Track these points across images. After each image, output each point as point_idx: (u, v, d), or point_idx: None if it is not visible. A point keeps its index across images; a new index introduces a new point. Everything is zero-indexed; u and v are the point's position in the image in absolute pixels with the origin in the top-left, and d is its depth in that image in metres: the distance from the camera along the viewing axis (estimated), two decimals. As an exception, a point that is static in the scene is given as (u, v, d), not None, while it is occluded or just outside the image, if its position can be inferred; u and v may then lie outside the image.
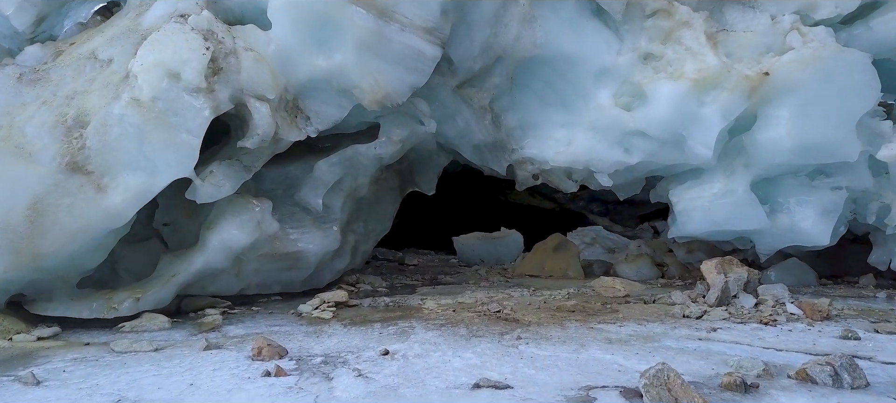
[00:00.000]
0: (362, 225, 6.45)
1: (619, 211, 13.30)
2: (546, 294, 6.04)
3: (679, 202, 6.36)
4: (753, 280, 5.71)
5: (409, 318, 4.83)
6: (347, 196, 5.94)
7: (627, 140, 6.14)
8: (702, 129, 5.74)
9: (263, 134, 4.72)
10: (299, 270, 5.76)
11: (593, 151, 6.27)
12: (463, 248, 9.07)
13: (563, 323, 4.64)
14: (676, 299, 5.43)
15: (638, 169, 6.43)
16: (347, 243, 6.24)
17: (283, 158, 5.93)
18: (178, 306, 5.22)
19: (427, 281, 7.31)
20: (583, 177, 6.70)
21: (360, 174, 5.88)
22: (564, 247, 7.96)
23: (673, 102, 5.72)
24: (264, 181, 5.70)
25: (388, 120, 5.85)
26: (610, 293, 6.19)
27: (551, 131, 6.44)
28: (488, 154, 6.62)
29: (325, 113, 5.30)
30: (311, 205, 5.66)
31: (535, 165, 6.60)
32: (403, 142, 5.86)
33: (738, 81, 5.55)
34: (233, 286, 5.40)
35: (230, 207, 4.98)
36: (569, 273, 7.66)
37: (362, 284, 6.70)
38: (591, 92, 6.14)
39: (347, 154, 5.70)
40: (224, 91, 4.50)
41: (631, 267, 7.62)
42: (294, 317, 4.96)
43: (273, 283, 5.76)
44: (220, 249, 4.85)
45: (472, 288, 6.51)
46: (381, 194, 6.49)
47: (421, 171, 6.74)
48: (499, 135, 6.47)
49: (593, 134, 6.24)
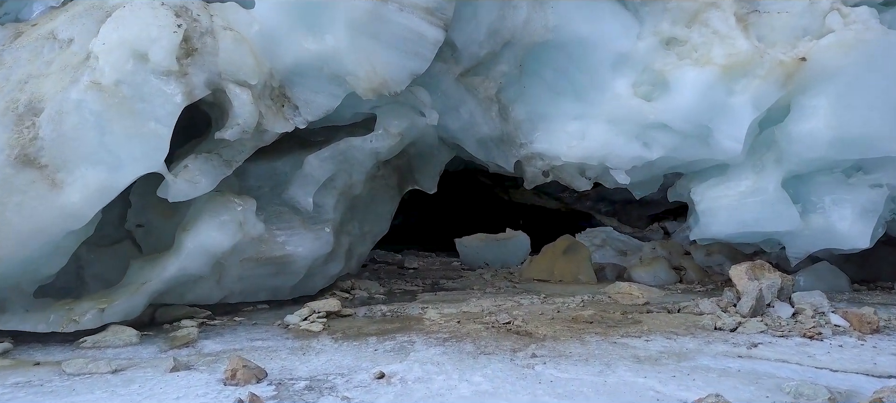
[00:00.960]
0: (357, 226, 5.92)
1: (627, 211, 12.77)
2: (559, 301, 5.52)
3: (702, 201, 5.83)
4: (787, 286, 5.18)
5: (409, 331, 4.31)
6: (341, 194, 5.42)
7: (647, 133, 5.62)
8: (731, 121, 5.22)
9: (244, 124, 4.20)
10: (288, 276, 5.24)
11: (609, 146, 5.75)
12: (466, 251, 8.55)
13: (583, 336, 4.12)
14: (705, 308, 4.91)
15: (657, 165, 5.90)
16: (341, 246, 5.72)
17: (269, 153, 5.41)
18: (151, 316, 4.70)
19: (428, 286, 6.79)
20: (597, 175, 6.18)
21: (355, 170, 5.36)
22: (575, 250, 7.44)
23: (699, 91, 5.20)
24: (249, 178, 5.18)
25: (385, 111, 5.32)
26: (628, 300, 5.67)
27: (563, 124, 5.91)
28: (494, 149, 6.09)
29: (316, 102, 4.78)
30: (301, 205, 5.13)
31: (545, 161, 6.08)
32: (402, 135, 5.33)
33: (772, 67, 5.02)
34: (213, 294, 4.88)
35: (209, 206, 4.46)
36: (580, 277, 7.15)
37: (358, 290, 6.18)
38: (607, 80, 5.61)
39: (340, 148, 5.17)
40: (199, 75, 3.98)
41: (647, 271, 7.11)
42: (280, 330, 4.43)
43: (259, 290, 5.24)
44: (198, 253, 4.32)
45: (477, 295, 5.99)
46: (377, 192, 5.96)
47: (421, 168, 6.21)
48: (506, 129, 5.94)
49: (609, 127, 5.71)
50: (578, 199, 12.51)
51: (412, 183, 6.30)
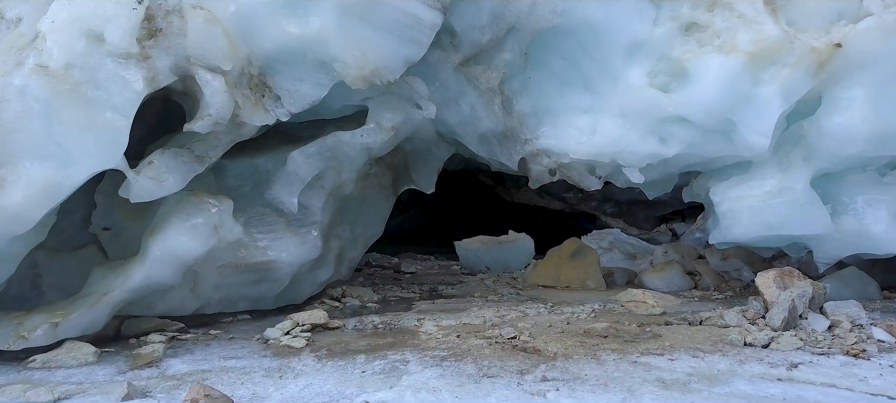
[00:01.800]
0: (348, 229, 5.45)
1: (634, 211, 12.31)
2: (567, 311, 5.05)
3: (722, 202, 5.36)
4: (819, 295, 4.72)
5: (403, 347, 3.85)
6: (329, 194, 4.95)
7: (664, 127, 5.15)
8: (757, 114, 4.75)
9: (217, 114, 3.73)
10: (271, 284, 4.77)
11: (622, 141, 5.28)
12: (466, 254, 8.08)
13: (598, 354, 3.65)
14: (730, 320, 4.44)
15: (674, 162, 5.44)
16: (330, 250, 5.25)
17: (251, 149, 4.95)
18: (117, 329, 4.24)
19: (426, 293, 6.32)
20: (608, 173, 5.71)
21: (345, 168, 4.89)
22: (582, 254, 6.97)
23: (722, 81, 4.73)
24: (227, 176, 4.72)
25: (377, 103, 4.86)
26: (642, 309, 5.20)
27: (572, 118, 5.44)
28: (497, 145, 5.62)
29: (300, 92, 4.32)
30: (285, 206, 4.67)
31: (552, 158, 5.61)
32: (396, 129, 4.87)
33: (803, 54, 4.55)
34: (187, 304, 4.41)
35: (179, 208, 4.00)
36: (588, 283, 6.68)
37: (349, 298, 5.71)
38: (620, 70, 5.15)
39: (328, 143, 4.71)
40: (163, 59, 3.52)
41: (659, 276, 6.64)
42: (258, 346, 3.97)
43: (238, 299, 4.77)
44: (165, 260, 3.86)
45: (478, 303, 5.52)
46: (370, 192, 5.50)
47: (418, 166, 5.74)
48: (510, 123, 5.47)
49: (623, 121, 5.25)
50: (583, 200, 12.05)
51: (408, 182, 5.82)
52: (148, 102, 4.59)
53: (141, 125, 4.71)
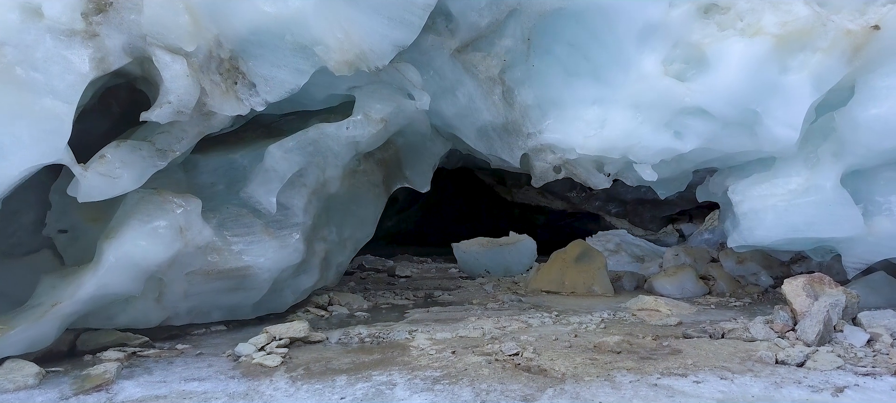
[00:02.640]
0: (335, 231, 5.00)
1: (639, 211, 11.86)
2: (574, 321, 4.61)
3: (743, 201, 4.92)
4: (852, 305, 4.29)
5: (390, 366, 3.40)
6: (313, 193, 4.50)
7: (680, 120, 4.71)
8: (785, 104, 4.31)
9: (179, 102, 3.28)
10: (248, 292, 4.32)
11: (634, 135, 4.84)
12: (465, 257, 7.63)
13: (612, 374, 3.20)
14: (757, 333, 3.99)
15: (690, 158, 4.99)
16: (315, 254, 4.80)
17: (228, 143, 4.51)
18: (72, 344, 3.79)
19: (420, 299, 5.87)
20: (618, 170, 5.26)
21: (329, 164, 4.44)
22: (588, 257, 6.52)
23: (745, 68, 4.29)
24: (200, 172, 4.27)
25: (365, 92, 4.41)
26: (656, 319, 4.76)
27: (579, 110, 5.00)
28: (497, 140, 5.17)
29: (277, 79, 3.87)
30: (263, 206, 4.22)
31: (557, 154, 5.16)
32: (386, 121, 4.42)
33: (837, 38, 4.12)
34: (152, 315, 3.97)
35: (139, 208, 3.55)
36: (594, 288, 6.24)
37: (337, 306, 5.27)
38: (632, 57, 4.70)
39: (310, 136, 4.26)
40: (114, 37, 3.07)
41: (671, 281, 6.20)
42: (227, 363, 3.52)
43: (212, 309, 4.33)
44: (122, 267, 3.41)
45: (476, 312, 5.07)
46: (359, 191, 5.05)
47: (411, 162, 5.29)
48: (511, 115, 5.03)
49: (635, 113, 4.80)
50: (586, 199, 11.60)
51: (401, 180, 5.38)
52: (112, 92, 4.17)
53: (104, 118, 4.30)
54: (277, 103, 4.43)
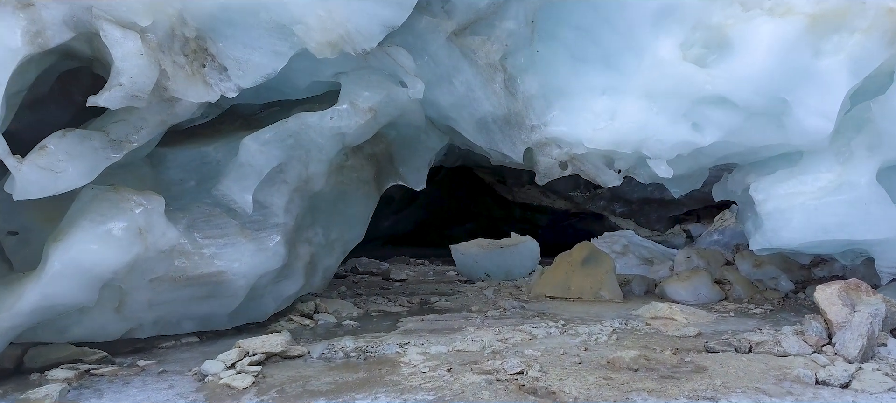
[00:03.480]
0: (321, 233, 4.58)
1: (645, 211, 11.43)
2: (583, 332, 4.18)
3: (767, 200, 4.50)
4: (892, 314, 3.87)
5: (377, 386, 2.98)
6: (295, 191, 4.08)
7: (699, 110, 4.28)
8: (818, 91, 3.89)
9: (131, 85, 2.86)
10: (222, 299, 3.90)
11: (648, 127, 4.41)
12: (464, 259, 7.20)
13: (631, 398, 2.78)
14: (789, 347, 3.56)
15: (709, 153, 4.56)
16: (298, 258, 4.38)
17: (201, 135, 4.09)
18: (19, 360, 3.37)
19: (415, 306, 5.44)
20: (629, 166, 4.83)
21: (313, 158, 4.02)
22: (595, 260, 6.10)
23: (774, 52, 3.87)
24: (169, 167, 3.85)
25: (352, 78, 3.99)
26: (672, 328, 4.34)
27: (588, 100, 4.57)
28: (498, 132, 4.74)
29: (251, 62, 3.44)
30: (238, 204, 3.80)
31: (563, 149, 4.73)
32: (375, 111, 3.99)
33: (878, 17, 3.70)
34: (112, 327, 3.54)
35: (92, 207, 3.13)
36: (602, 293, 5.81)
37: (324, 314, 4.84)
38: (647, 41, 4.28)
39: (289, 128, 3.83)
40: (53, 8, 2.65)
41: (685, 286, 5.77)
42: (191, 383, 3.09)
43: (182, 320, 3.91)
44: (69, 275, 2.99)
45: (475, 320, 4.65)
46: (347, 189, 4.62)
47: (405, 157, 4.87)
48: (513, 106, 4.60)
49: (649, 103, 4.38)
50: (590, 199, 11.18)
51: (394, 177, 4.95)
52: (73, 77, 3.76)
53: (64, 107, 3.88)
54: (256, 91, 4.02)
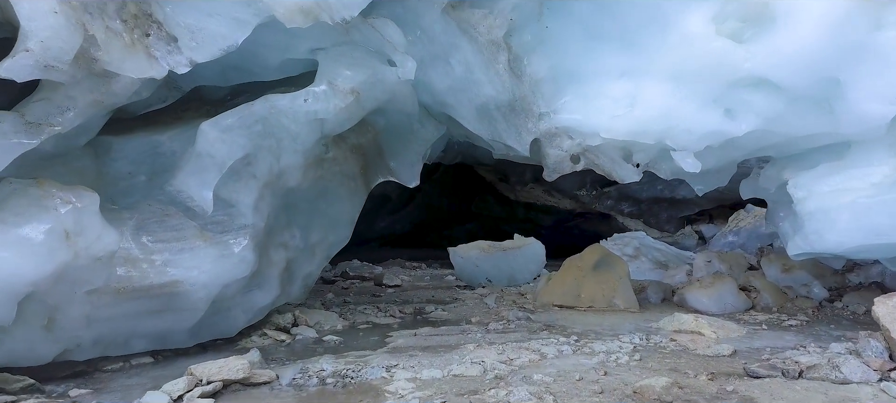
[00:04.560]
0: (299, 235, 4.01)
1: (654, 211, 10.85)
2: (600, 350, 3.61)
3: (808, 198, 3.94)
4: (964, 331, 3.30)
5: (353, 427, 2.40)
6: (266, 187, 3.51)
7: (734, 94, 3.72)
8: (878, 70, 3.33)
9: (42, 52, 2.29)
10: (179, 313, 3.33)
11: (674, 115, 3.85)
12: (463, 263, 6.63)
13: (670, 446, 2.21)
14: (849, 372, 2.99)
15: (742, 144, 4.00)
16: (272, 264, 3.81)
17: (156, 122, 3.52)
18: (-75, 390, 2.79)
19: (408, 317, 4.87)
20: (650, 159, 4.27)
21: (286, 148, 3.45)
22: (608, 264, 5.53)
23: (825, 24, 3.31)
24: (115, 159, 3.29)
25: (332, 55, 3.42)
26: (701, 345, 3.77)
27: (604, 83, 4.01)
28: (502, 121, 4.17)
29: (207, 31, 2.87)
30: (196, 202, 3.23)
31: (575, 140, 4.16)
32: (358, 93, 3.42)
33: (951, -18, 3.13)
34: (42, 349, 2.97)
35: (6, 206, 2.56)
36: (616, 302, 5.24)
37: (304, 326, 4.28)
38: (673, 15, 3.71)
39: (257, 112, 3.26)
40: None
41: (708, 294, 5.21)
42: (127, 422, 2.52)
43: (131, 337, 3.33)
44: (-26, 288, 2.42)
45: (476, 335, 4.08)
46: (329, 185, 4.05)
47: (395, 150, 4.29)
48: (519, 90, 4.03)
49: (675, 86, 3.81)
50: (597, 198, 10.60)
51: (383, 171, 4.38)
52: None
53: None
54: (221, 71, 3.47)
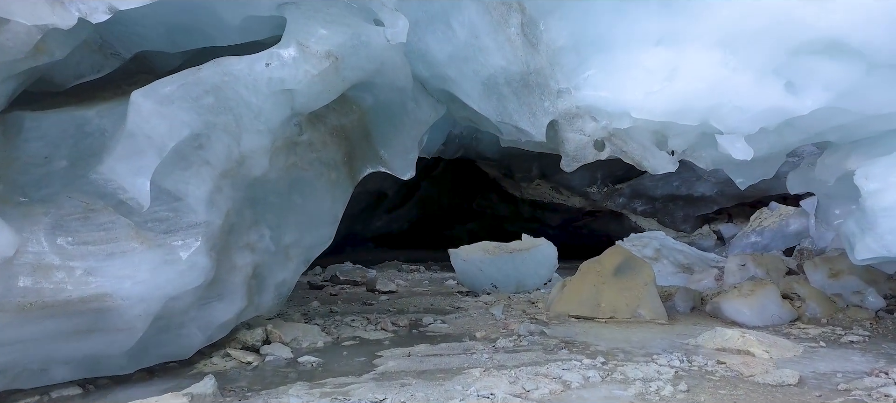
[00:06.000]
0: (269, 236, 3.32)
1: (670, 210, 10.15)
2: (635, 376, 2.94)
3: (884, 190, 3.28)
4: None
5: None
6: (223, 176, 2.82)
7: (798, 62, 3.04)
8: None
9: None
10: (111, 334, 2.65)
11: (723, 89, 3.17)
12: (465, 267, 5.93)
13: None
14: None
15: (803, 125, 3.32)
16: (235, 271, 3.13)
17: (86, 96, 2.85)
18: None
19: (402, 330, 4.19)
20: (689, 145, 3.58)
21: (247, 128, 2.76)
22: (631, 269, 4.84)
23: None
24: (27, 139, 2.62)
25: (303, 11, 2.73)
26: (756, 369, 3.10)
27: (637, 53, 3.32)
28: (512, 98, 3.48)
29: (134, -31, 2.19)
30: (130, 193, 2.55)
31: (600, 122, 3.48)
32: (336, 59, 2.74)
33: None
34: (-79, 382, 2.30)
35: None
36: (640, 312, 4.56)
37: (277, 344, 3.60)
38: (724, -35, 3.03)
39: (205, 80, 2.58)
40: None
41: (748, 303, 4.53)
42: None
43: (50, 365, 2.66)
44: None
45: (481, 355, 3.40)
46: (305, 175, 3.36)
47: (386, 134, 3.60)
48: (534, 61, 3.34)
49: (726, 53, 3.13)
50: (608, 195, 9.91)
51: (372, 160, 3.69)
52: None
53: None
54: (167, 32, 2.81)
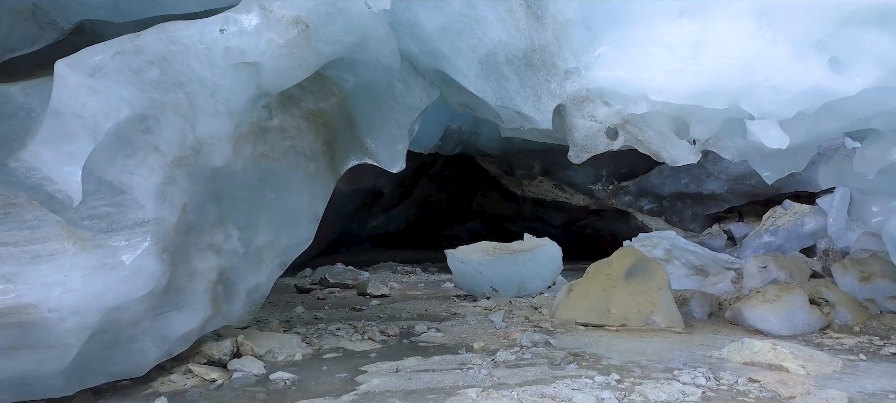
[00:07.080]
0: (238, 235, 2.91)
1: (678, 208, 9.72)
2: (656, 398, 2.53)
3: (938, 183, 2.84)
4: None
5: None
6: (177, 165, 2.41)
7: (845, 34, 2.63)
8: None
9: None
10: (41, 351, 2.25)
11: (757, 66, 2.76)
12: (463, 269, 5.51)
13: None
14: None
15: (848, 109, 2.90)
16: (197, 275, 2.72)
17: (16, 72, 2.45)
18: None
19: (393, 340, 3.77)
20: (713, 133, 3.17)
21: (201, 109, 2.35)
22: (643, 272, 4.43)
23: None
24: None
25: (268, -30, 2.32)
26: (796, 389, 2.71)
27: (656, 27, 2.91)
28: (514, 79, 3.07)
29: None
30: (58, 185, 2.14)
31: (614, 107, 3.06)
32: (306, 26, 2.33)
33: None
34: None
35: None
36: (655, 319, 4.16)
37: (249, 357, 3.18)
38: (760, -79, 2.62)
39: (148, 48, 2.17)
40: None
41: (774, 310, 4.13)
42: None
43: (-33, 388, 2.25)
44: None
45: (479, 370, 2.99)
46: (278, 165, 2.94)
47: (371, 120, 3.18)
48: (539, 37, 2.93)
49: (760, 25, 2.72)
50: (614, 193, 9.49)
51: (357, 151, 3.27)
52: None
53: None
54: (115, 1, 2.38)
